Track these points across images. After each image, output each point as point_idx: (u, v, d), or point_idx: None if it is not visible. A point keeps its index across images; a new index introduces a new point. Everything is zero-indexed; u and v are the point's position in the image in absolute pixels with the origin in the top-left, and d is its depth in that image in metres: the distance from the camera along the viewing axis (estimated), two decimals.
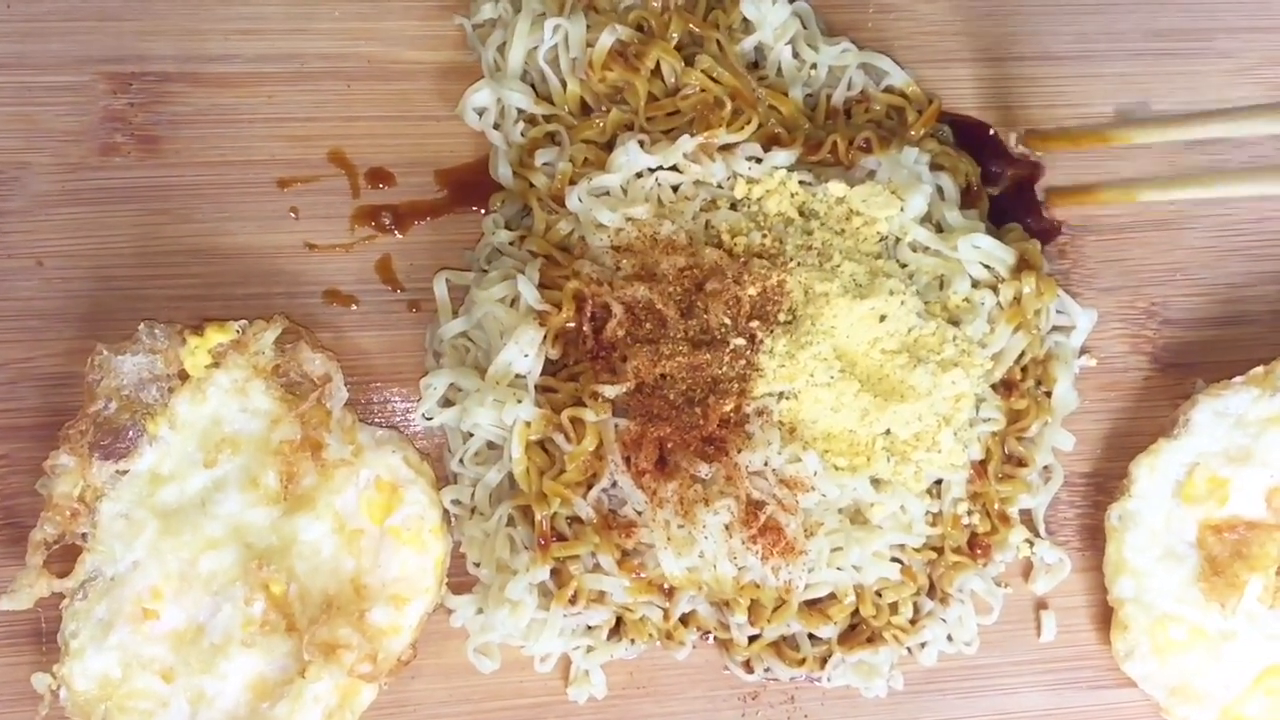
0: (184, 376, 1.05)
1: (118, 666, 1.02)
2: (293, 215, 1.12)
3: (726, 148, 1.06)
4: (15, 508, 1.06)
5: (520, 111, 1.10)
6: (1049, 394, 1.14)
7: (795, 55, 1.14)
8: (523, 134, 1.10)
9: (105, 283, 1.09)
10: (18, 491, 1.06)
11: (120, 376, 1.03)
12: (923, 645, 1.12)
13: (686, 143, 1.04)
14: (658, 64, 1.07)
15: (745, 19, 1.12)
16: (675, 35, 1.08)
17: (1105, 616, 1.15)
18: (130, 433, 1.03)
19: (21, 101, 1.09)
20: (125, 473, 1.03)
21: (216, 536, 1.04)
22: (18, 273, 1.08)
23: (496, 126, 1.12)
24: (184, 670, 1.02)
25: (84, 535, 1.03)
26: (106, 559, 1.03)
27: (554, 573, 1.04)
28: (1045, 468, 1.15)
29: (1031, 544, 1.14)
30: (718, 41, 1.09)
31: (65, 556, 1.02)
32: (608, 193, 1.06)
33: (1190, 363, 1.19)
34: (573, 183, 1.07)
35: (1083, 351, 1.18)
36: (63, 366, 1.07)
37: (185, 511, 1.04)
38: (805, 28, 1.15)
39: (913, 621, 1.10)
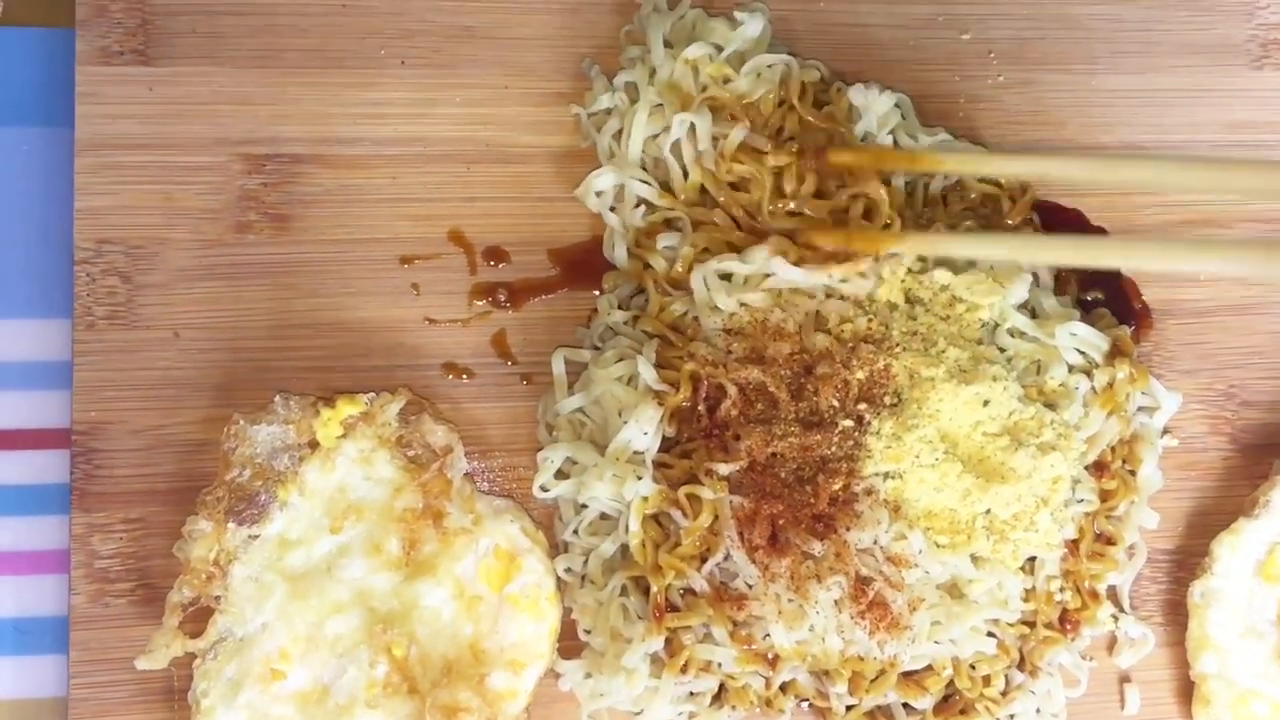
0: (314, 446, 1.09)
1: None
2: (414, 291, 1.17)
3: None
4: (150, 569, 1.10)
5: (640, 198, 1.15)
6: (1134, 474, 1.18)
7: (895, 144, 1.19)
8: (642, 218, 1.15)
9: (238, 354, 1.13)
10: (153, 554, 1.10)
11: (255, 445, 1.08)
12: (1013, 717, 1.15)
13: (836, 270, 1.07)
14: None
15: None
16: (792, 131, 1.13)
17: (1187, 691, 1.18)
18: (263, 499, 1.07)
19: (162, 180, 1.13)
20: (257, 538, 1.07)
21: (342, 600, 1.08)
22: (156, 344, 1.12)
23: (613, 210, 1.17)
24: None
25: (217, 598, 1.06)
26: (237, 620, 1.07)
27: (666, 642, 1.08)
28: (1130, 546, 1.19)
29: (1117, 619, 1.18)
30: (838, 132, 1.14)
31: (198, 618, 1.06)
32: (729, 277, 1.11)
33: (1268, 443, 1.23)
34: (699, 264, 1.11)
35: (1165, 432, 1.22)
36: (197, 434, 1.11)
37: (312, 576, 1.08)
38: (904, 118, 1.20)
39: (1004, 694, 1.14)
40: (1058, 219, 1.24)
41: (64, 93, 1.14)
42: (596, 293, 1.17)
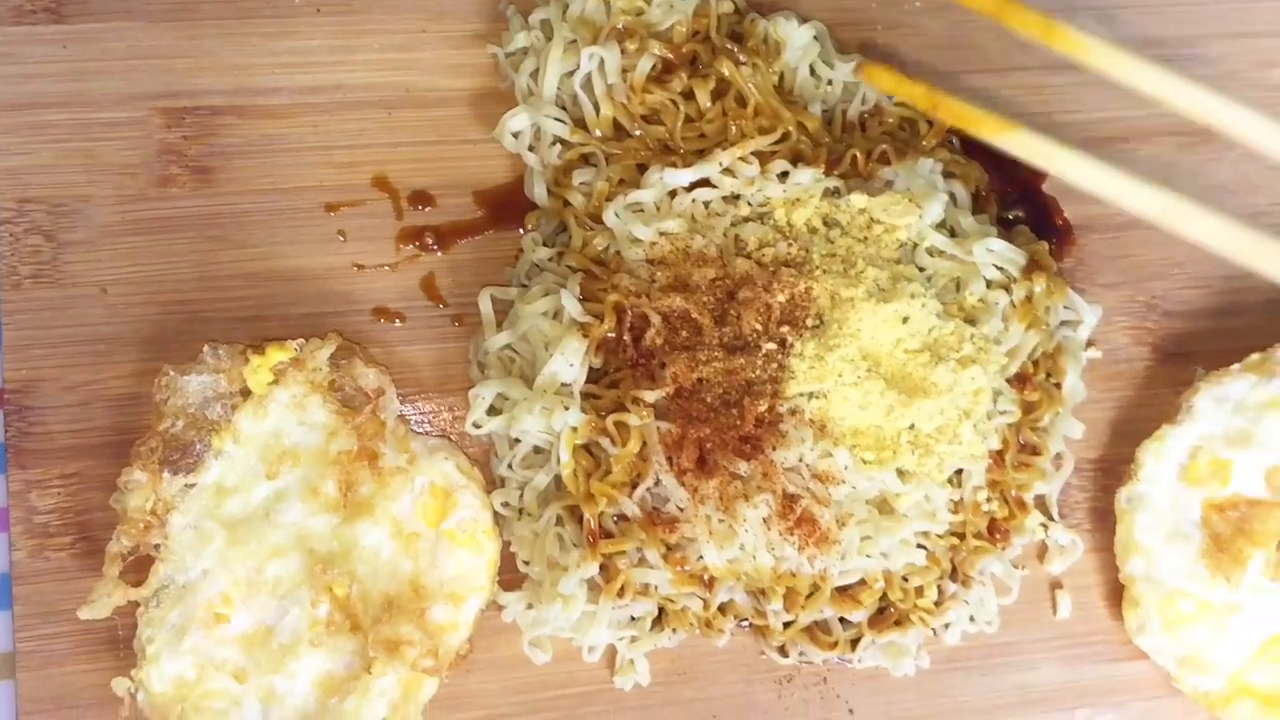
0: (246, 394, 1.10)
1: (192, 669, 1.07)
2: (341, 238, 1.18)
3: (759, 159, 1.12)
4: (89, 522, 1.11)
5: (555, 135, 1.16)
6: (1059, 386, 1.21)
7: (812, 74, 1.20)
8: (559, 155, 1.17)
9: (166, 307, 1.14)
10: (91, 507, 1.11)
11: (186, 396, 1.09)
12: (947, 626, 1.18)
13: (722, 155, 1.11)
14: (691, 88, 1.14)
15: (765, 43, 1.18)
16: (706, 59, 1.15)
17: (1117, 594, 1.21)
18: (197, 448, 1.08)
19: (81, 138, 1.14)
20: (193, 486, 1.09)
21: (281, 544, 1.09)
22: (83, 300, 1.13)
23: (532, 149, 1.18)
24: (255, 670, 1.07)
25: (156, 546, 1.08)
26: (178, 568, 1.08)
27: (602, 568, 1.10)
28: (1057, 455, 1.21)
29: (1046, 528, 1.21)
30: (745, 63, 1.15)
31: (139, 567, 1.07)
32: (642, 209, 1.13)
33: (1190, 352, 1.26)
34: (609, 200, 1.13)
35: (1089, 344, 1.24)
36: (130, 387, 1.12)
37: (250, 521, 1.09)
38: (820, 46, 1.21)
39: (937, 604, 1.16)
40: (977, 141, 1.25)
41: None
42: (521, 232, 1.19)
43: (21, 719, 1.08)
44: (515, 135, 1.18)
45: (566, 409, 1.08)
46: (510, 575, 1.15)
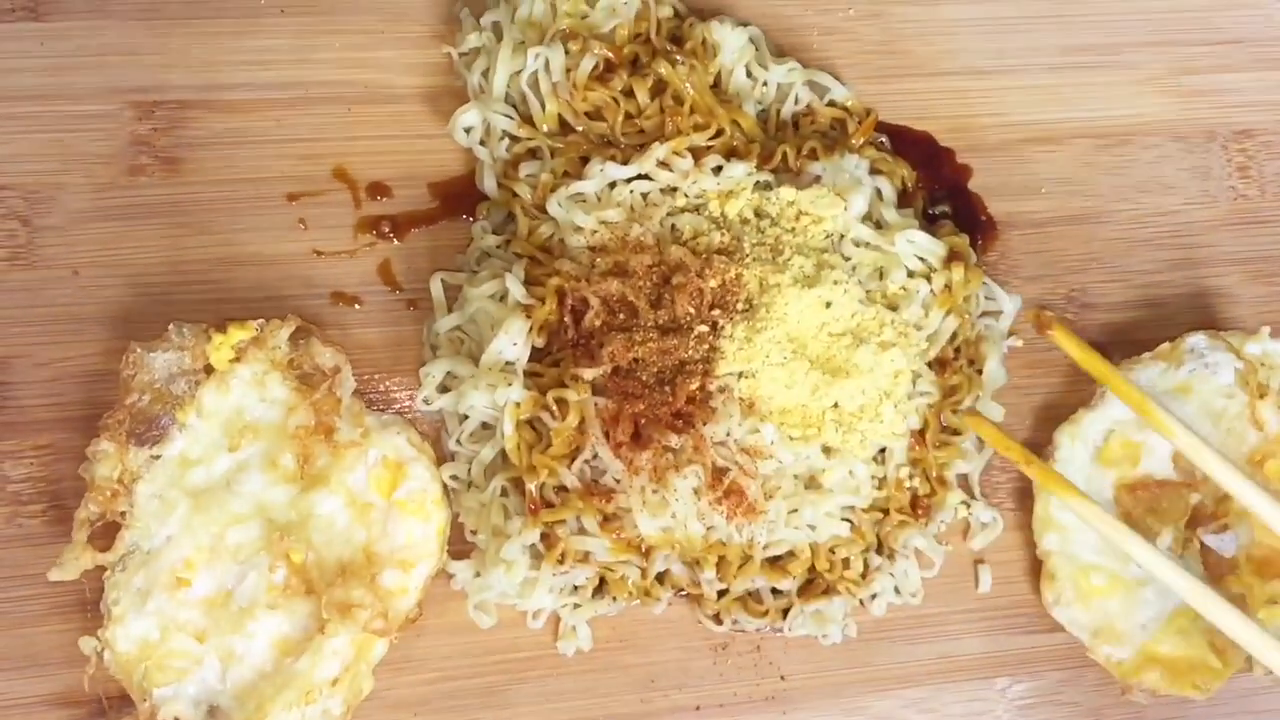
0: (209, 370, 1.16)
1: (156, 630, 1.12)
2: (301, 226, 1.24)
3: (695, 154, 1.20)
4: (60, 491, 1.17)
5: (504, 130, 1.23)
6: (981, 372, 1.28)
7: (749, 75, 1.28)
8: (507, 150, 1.24)
9: (136, 289, 1.20)
10: (62, 477, 1.17)
11: (152, 371, 1.15)
12: (873, 597, 1.24)
13: (659, 149, 1.18)
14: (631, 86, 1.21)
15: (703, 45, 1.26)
16: (646, 60, 1.22)
17: (1035, 568, 1.27)
18: (162, 421, 1.14)
19: (56, 129, 1.20)
20: (158, 457, 1.14)
21: (241, 512, 1.15)
22: (56, 282, 1.19)
23: (482, 143, 1.25)
24: (215, 631, 1.13)
25: (123, 514, 1.13)
26: (143, 534, 1.14)
27: (543, 536, 1.16)
28: (979, 437, 1.28)
29: (968, 505, 1.27)
30: (683, 64, 1.22)
31: (106, 534, 1.13)
32: (584, 199, 1.20)
33: (1107, 342, 1.32)
34: (553, 191, 1.20)
35: (1011, 334, 1.31)
36: (100, 364, 1.18)
37: (213, 491, 1.15)
38: (757, 49, 1.29)
39: (863, 575, 1.23)
40: (906, 139, 1.33)
41: None
42: (472, 221, 1.25)
43: None
44: (467, 130, 1.24)
45: (510, 385, 1.15)
46: (459, 546, 1.21)
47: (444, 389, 1.21)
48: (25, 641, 1.15)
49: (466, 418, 1.20)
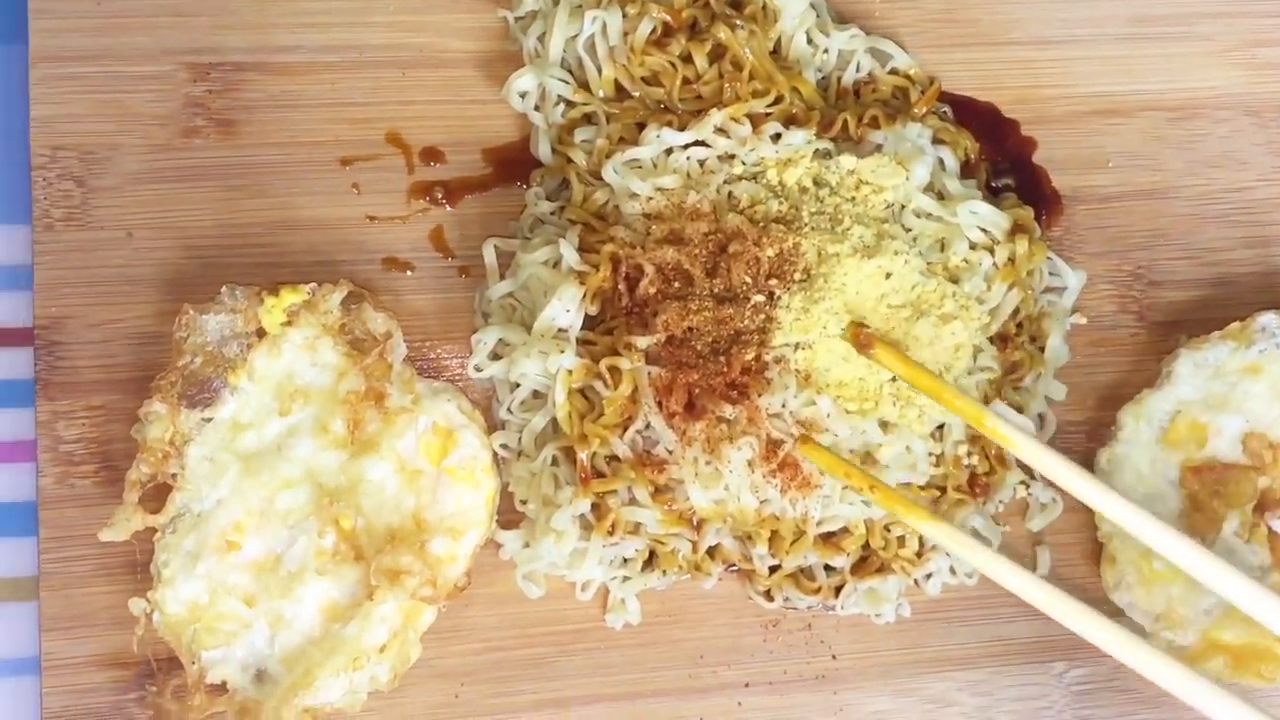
0: (261, 334, 1.16)
1: (205, 592, 1.12)
2: (354, 191, 1.23)
3: (753, 121, 1.17)
4: (112, 452, 1.17)
5: (560, 95, 1.22)
6: (1043, 349, 1.25)
7: (809, 42, 1.25)
8: (562, 115, 1.22)
9: (189, 251, 1.20)
10: (114, 438, 1.17)
11: (205, 334, 1.15)
12: (928, 577, 1.23)
13: (716, 116, 1.16)
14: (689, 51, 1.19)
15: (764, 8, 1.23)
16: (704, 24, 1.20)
17: (1095, 551, 1.25)
18: (214, 384, 1.14)
19: (112, 90, 1.20)
20: (210, 420, 1.14)
21: (291, 477, 1.15)
22: (110, 243, 1.19)
23: (537, 109, 1.23)
24: (264, 596, 1.13)
25: (174, 476, 1.13)
26: (194, 497, 1.14)
27: (594, 507, 1.15)
28: (1040, 416, 1.25)
29: (1027, 485, 1.25)
30: (742, 28, 1.20)
31: (158, 496, 1.13)
32: (640, 165, 1.18)
33: (1174, 320, 1.29)
34: (608, 157, 1.18)
35: (1075, 311, 1.28)
36: (152, 326, 1.18)
37: (263, 455, 1.15)
38: (818, 15, 1.26)
39: (919, 554, 1.21)
40: (969, 110, 1.30)
41: (18, 12, 1.21)
42: (526, 187, 1.24)
43: (43, 636, 1.15)
44: (522, 95, 1.23)
45: (562, 352, 1.14)
46: (509, 516, 1.20)
47: (495, 356, 1.20)
48: (75, 602, 1.15)
49: (518, 385, 1.18)
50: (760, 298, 1.14)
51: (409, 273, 1.23)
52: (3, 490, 1.20)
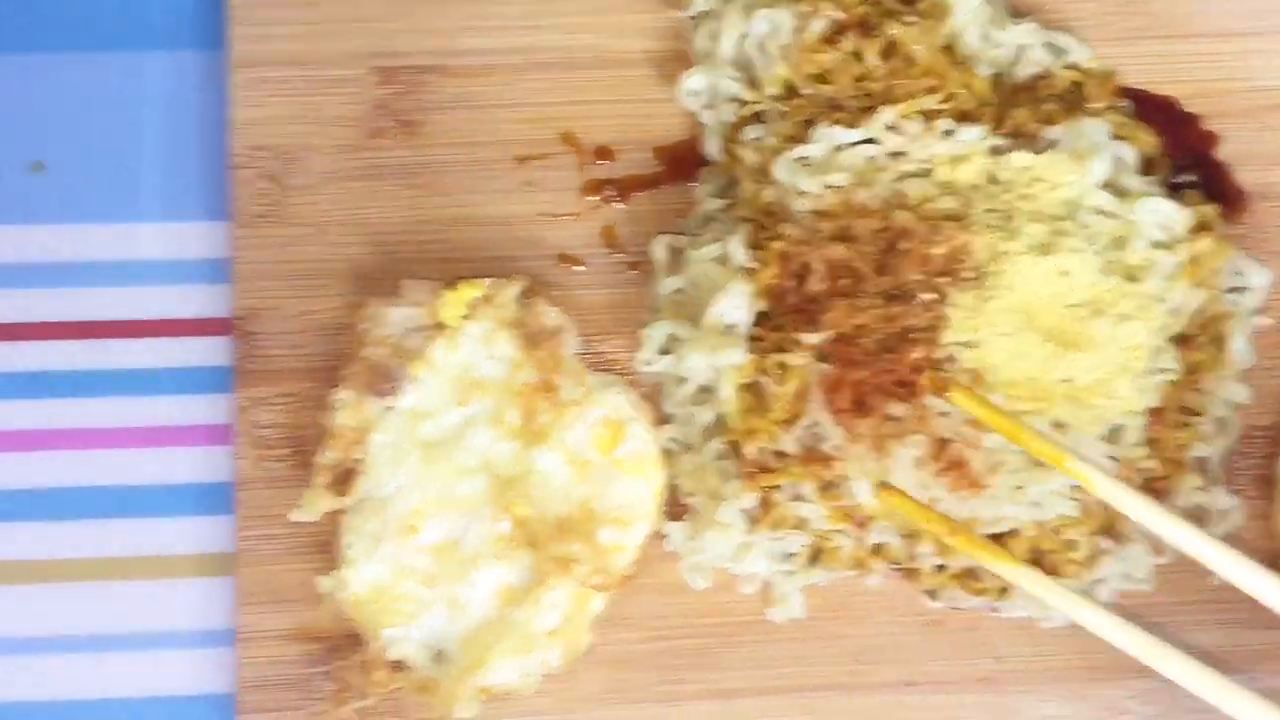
0: (440, 327, 1.20)
1: (388, 574, 1.18)
2: (529, 188, 1.27)
3: (925, 118, 1.17)
4: (302, 437, 1.22)
5: (730, 94, 1.23)
6: (1226, 351, 1.21)
7: (983, 37, 1.24)
8: (732, 114, 1.23)
9: (374, 247, 1.25)
10: (305, 424, 1.22)
11: (388, 326, 1.20)
12: (1099, 581, 1.20)
13: (888, 113, 1.16)
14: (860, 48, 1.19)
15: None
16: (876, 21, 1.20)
17: (1276, 563, 1.19)
18: (396, 374, 1.20)
19: (307, 93, 1.26)
20: (392, 409, 1.19)
21: (468, 466, 1.19)
22: (304, 238, 1.25)
23: (708, 107, 1.25)
24: (442, 578, 1.17)
25: (359, 461, 1.20)
26: (377, 482, 1.19)
27: (760, 501, 1.17)
28: (1221, 419, 1.22)
29: (1205, 490, 1.21)
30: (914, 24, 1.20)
31: (345, 480, 1.18)
32: (809, 163, 1.19)
33: None
34: (778, 155, 1.19)
35: (1260, 312, 1.24)
36: (341, 318, 1.23)
37: (442, 444, 1.19)
38: (992, 10, 1.24)
39: (1090, 558, 1.19)
40: (1147, 104, 1.27)
41: (214, 21, 1.29)
42: (696, 185, 1.26)
43: (240, 609, 1.22)
44: (693, 94, 1.25)
45: (731, 349, 1.15)
46: (676, 508, 1.22)
47: (664, 352, 1.22)
48: (269, 578, 1.22)
49: (685, 380, 1.20)
50: (929, 296, 1.13)
51: (580, 268, 1.26)
52: (203, 470, 1.27)
